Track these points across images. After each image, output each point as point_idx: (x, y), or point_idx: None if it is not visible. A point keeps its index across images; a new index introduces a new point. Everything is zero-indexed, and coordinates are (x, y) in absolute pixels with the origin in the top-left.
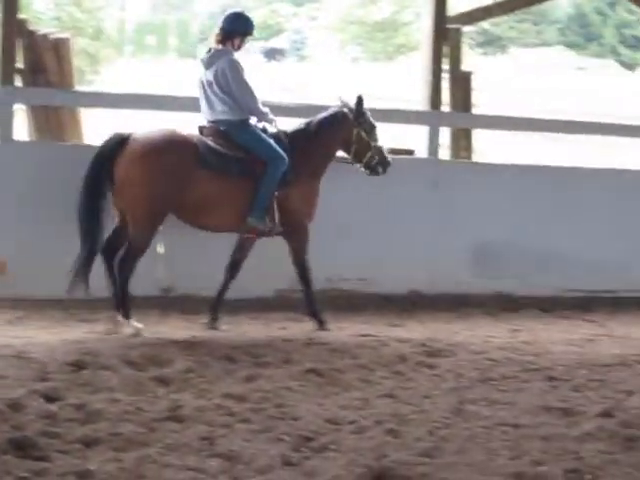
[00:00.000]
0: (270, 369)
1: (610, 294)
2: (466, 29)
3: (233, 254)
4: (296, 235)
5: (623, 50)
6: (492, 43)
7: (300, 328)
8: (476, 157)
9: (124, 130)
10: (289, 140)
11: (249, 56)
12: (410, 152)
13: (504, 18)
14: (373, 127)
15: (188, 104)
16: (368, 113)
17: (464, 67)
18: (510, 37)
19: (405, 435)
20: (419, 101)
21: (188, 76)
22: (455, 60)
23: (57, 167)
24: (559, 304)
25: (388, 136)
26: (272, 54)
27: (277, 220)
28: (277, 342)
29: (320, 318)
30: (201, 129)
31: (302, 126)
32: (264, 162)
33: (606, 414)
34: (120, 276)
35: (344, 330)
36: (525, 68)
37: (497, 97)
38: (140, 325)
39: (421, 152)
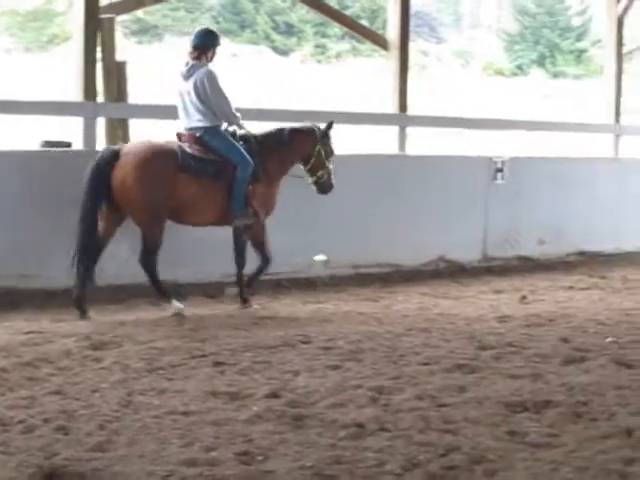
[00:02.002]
0: None
1: (272, 276)
2: (120, 18)
3: (234, 246)
4: (258, 226)
5: (276, 36)
6: (147, 32)
7: None
8: None
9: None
10: (259, 142)
11: None
12: (67, 144)
13: (158, 6)
14: (332, 152)
15: None
16: (332, 138)
17: (118, 56)
18: (165, 25)
19: (75, 431)
20: (74, 92)
21: None
22: (108, 50)
23: None
24: (222, 289)
25: (43, 130)
26: None
27: (257, 209)
28: None
29: (246, 298)
30: (179, 136)
31: (273, 131)
32: (233, 165)
33: (273, 395)
34: (149, 272)
35: (7, 329)
36: (181, 56)
37: (154, 86)
38: (181, 305)
39: (78, 144)
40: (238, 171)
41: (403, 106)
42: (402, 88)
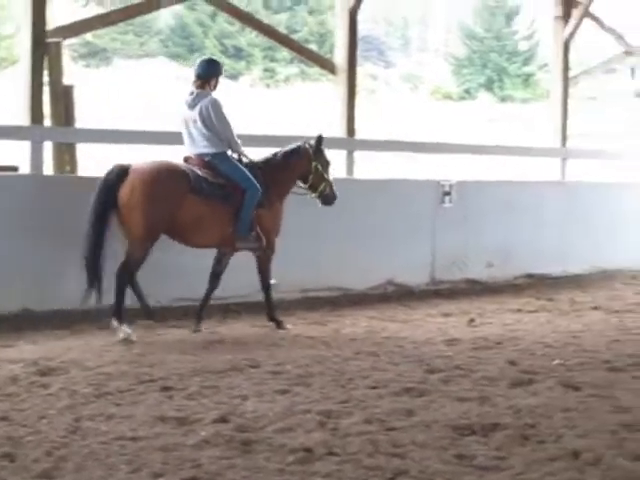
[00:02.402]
0: None
1: (221, 301)
2: (68, 41)
3: (213, 267)
4: (266, 250)
5: (225, 60)
6: (95, 55)
7: None
8: (80, 171)
9: (124, 162)
10: (260, 168)
11: None
12: (14, 169)
13: (107, 30)
14: (328, 163)
15: None
16: (325, 151)
17: (66, 80)
18: (114, 48)
19: (22, 458)
20: (21, 116)
21: None
22: (55, 74)
23: None
24: (170, 314)
25: None
26: None
27: (261, 234)
28: None
29: (278, 319)
30: (186, 159)
31: (270, 156)
32: (242, 189)
33: (222, 420)
34: (118, 287)
35: None
36: (129, 79)
37: (102, 109)
38: (129, 330)
39: (25, 168)
40: (247, 195)
41: (351, 130)
42: (350, 112)
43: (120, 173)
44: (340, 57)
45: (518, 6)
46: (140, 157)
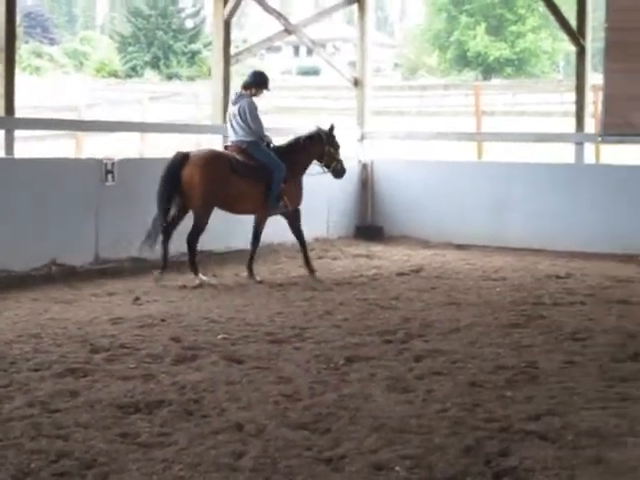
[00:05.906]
0: None
1: None
2: None
3: (254, 228)
4: (294, 213)
5: None
6: None
7: None
8: None
9: (183, 149)
10: (284, 151)
11: None
12: None
13: None
14: (338, 147)
15: None
16: (336, 136)
17: None
18: None
19: None
20: None
21: None
22: None
23: None
24: None
25: None
26: None
27: (287, 202)
28: None
29: (312, 268)
30: (226, 147)
31: (292, 141)
32: (270, 170)
33: None
34: (189, 247)
35: None
36: None
37: None
38: (205, 278)
39: None
40: (275, 174)
41: (10, 108)
42: (9, 90)
43: (183, 158)
44: None
45: None
46: None
